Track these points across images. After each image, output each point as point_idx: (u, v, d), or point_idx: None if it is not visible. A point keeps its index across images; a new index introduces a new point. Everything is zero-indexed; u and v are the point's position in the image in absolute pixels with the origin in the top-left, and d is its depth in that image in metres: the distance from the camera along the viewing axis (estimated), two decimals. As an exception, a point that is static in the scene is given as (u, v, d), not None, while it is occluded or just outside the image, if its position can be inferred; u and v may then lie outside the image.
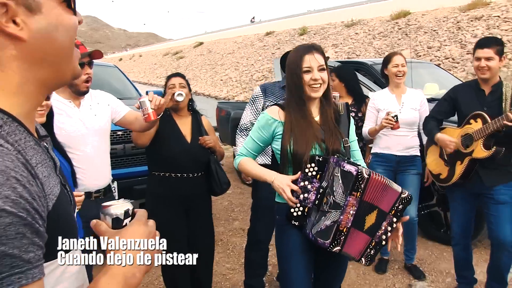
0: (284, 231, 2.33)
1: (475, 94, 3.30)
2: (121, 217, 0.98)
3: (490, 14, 17.25)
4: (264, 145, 2.42)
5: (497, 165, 3.19)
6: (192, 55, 42.22)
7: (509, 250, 3.22)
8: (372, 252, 2.18)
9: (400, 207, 2.14)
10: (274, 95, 3.46)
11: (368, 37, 22.50)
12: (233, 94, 24.01)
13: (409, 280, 3.94)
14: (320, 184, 2.17)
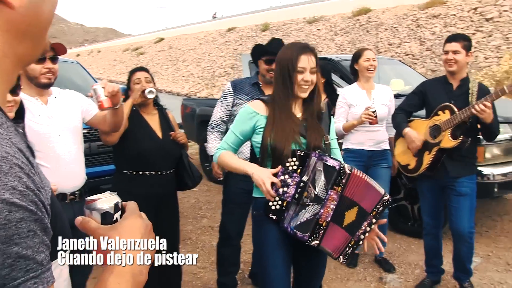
0: (262, 226, 2.32)
1: (443, 88, 3.43)
2: (111, 211, 0.90)
3: (447, 12, 17.72)
4: (245, 138, 2.40)
5: (462, 157, 3.31)
6: (153, 51, 41.61)
7: (468, 241, 3.37)
8: (350, 251, 2.21)
9: (380, 209, 2.17)
10: (243, 92, 3.42)
11: (330, 33, 22.73)
12: (195, 91, 23.81)
13: (380, 273, 3.99)
14: (300, 179, 2.17)
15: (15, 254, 0.57)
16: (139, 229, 0.89)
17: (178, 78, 28.52)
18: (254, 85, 3.44)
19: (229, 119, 3.48)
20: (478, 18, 16.13)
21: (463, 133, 3.22)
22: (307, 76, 2.23)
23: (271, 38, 3.54)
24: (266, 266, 2.33)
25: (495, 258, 4.21)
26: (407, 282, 3.83)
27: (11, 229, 0.57)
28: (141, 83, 3.08)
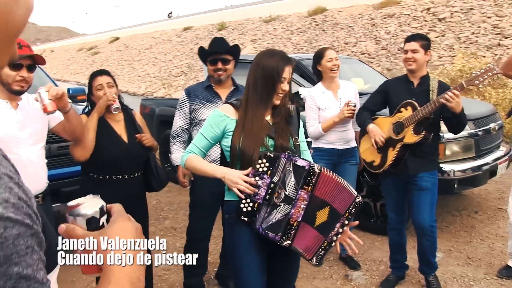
0: (235, 229, 2.31)
1: (404, 86, 3.52)
2: (97, 216, 0.84)
3: (401, 12, 18.14)
4: (214, 142, 2.40)
5: (425, 153, 3.39)
6: (108, 51, 40.74)
7: (430, 234, 3.45)
8: (322, 252, 2.22)
9: (353, 210, 2.19)
10: (198, 98, 3.39)
11: (287, 32, 22.85)
12: (151, 90, 23.44)
13: (345, 270, 4.00)
14: (271, 180, 2.18)
15: (16, 275, 0.52)
16: (130, 232, 0.84)
17: (134, 78, 28.01)
18: (207, 88, 3.41)
19: (189, 127, 3.46)
20: (431, 18, 16.58)
21: (426, 129, 3.27)
22: (285, 86, 2.29)
23: (212, 38, 3.51)
24: (240, 269, 2.32)
25: (456, 252, 4.29)
26: (372, 279, 3.84)
27: (9, 248, 0.52)
28: (103, 89, 2.94)
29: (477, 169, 4.47)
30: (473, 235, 4.66)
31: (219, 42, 3.40)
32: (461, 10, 16.14)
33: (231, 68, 3.35)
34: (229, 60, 3.31)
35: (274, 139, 2.29)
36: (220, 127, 2.33)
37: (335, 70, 3.82)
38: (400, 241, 3.75)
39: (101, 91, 2.93)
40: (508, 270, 3.78)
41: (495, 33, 13.82)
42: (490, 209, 5.39)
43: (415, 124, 3.30)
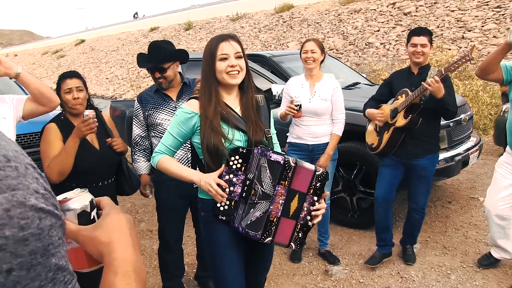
0: (213, 227, 2.26)
1: (406, 76, 3.74)
2: (88, 210, 0.83)
3: (368, 7, 18.34)
4: (183, 140, 2.32)
5: (424, 136, 3.60)
6: (74, 54, 39.95)
7: (421, 210, 3.84)
8: (300, 234, 2.20)
9: (318, 184, 2.17)
10: (149, 103, 3.29)
11: (254, 30, 22.85)
12: (120, 92, 23.12)
13: (325, 265, 4.00)
14: (245, 176, 2.13)
15: (54, 266, 0.52)
16: (125, 224, 0.83)
17: (102, 80, 27.56)
18: (156, 92, 3.31)
19: (147, 134, 3.37)
20: (397, 12, 16.82)
21: (417, 113, 3.51)
22: (232, 61, 2.19)
23: (149, 46, 3.32)
24: (219, 267, 2.27)
25: (433, 242, 4.34)
26: (352, 273, 3.85)
27: (45, 239, 0.52)
28: (72, 93, 2.82)
29: (450, 159, 4.53)
30: (448, 225, 4.73)
31: (155, 51, 3.23)
32: (425, 4, 16.43)
33: (171, 74, 3.20)
34: (165, 69, 3.17)
35: (246, 132, 2.23)
36: (188, 124, 2.25)
37: (309, 62, 3.80)
38: (386, 221, 3.90)
39: (69, 94, 2.81)
40: (487, 258, 3.82)
41: (459, 26, 14.11)
42: (463, 199, 5.48)
43: (406, 109, 3.54)
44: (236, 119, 2.25)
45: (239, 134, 2.23)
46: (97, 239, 0.80)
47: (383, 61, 13.29)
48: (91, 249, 0.81)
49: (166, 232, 3.38)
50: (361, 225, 4.72)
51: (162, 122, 3.22)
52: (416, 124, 3.51)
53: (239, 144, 2.21)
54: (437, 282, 3.64)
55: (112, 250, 0.79)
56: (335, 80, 4.01)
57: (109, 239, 0.80)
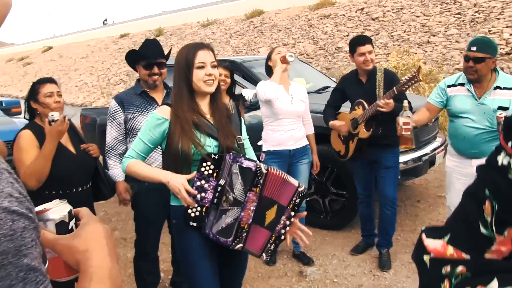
0: (184, 235, 2.25)
1: (355, 84, 3.89)
2: (66, 220, 0.86)
3: (337, 12, 18.61)
4: (154, 146, 2.32)
5: (385, 137, 3.77)
6: (41, 61, 39.18)
7: (391, 205, 3.95)
8: (272, 247, 2.21)
9: (297, 200, 2.17)
10: (133, 105, 3.22)
11: (225, 36, 22.89)
12: (90, 100, 22.80)
13: (299, 267, 4.07)
14: (217, 183, 2.13)
15: (26, 266, 0.55)
16: (102, 233, 0.85)
17: (71, 88, 27.12)
18: (141, 94, 3.25)
19: (125, 138, 3.29)
20: (365, 17, 17.13)
21: (377, 122, 3.68)
22: (209, 70, 2.23)
23: (144, 40, 3.36)
24: (193, 275, 2.27)
25: (403, 240, 4.48)
26: (326, 273, 3.94)
27: (18, 240, 0.54)
28: (53, 96, 2.81)
29: (418, 159, 4.68)
30: (417, 223, 4.88)
31: (153, 46, 3.24)
32: (392, 9, 16.78)
33: (165, 72, 3.25)
34: (164, 64, 3.21)
35: (218, 139, 2.24)
36: (159, 130, 2.25)
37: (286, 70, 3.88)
38: (368, 213, 4.25)
39: (51, 98, 2.80)
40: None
41: (424, 31, 14.45)
42: (431, 197, 5.66)
43: (366, 121, 3.72)
44: (207, 126, 2.26)
45: (210, 140, 2.24)
46: (75, 247, 0.82)
47: (352, 66, 13.48)
48: (68, 258, 0.83)
49: (144, 242, 3.36)
50: (334, 226, 4.82)
51: None
52: (377, 133, 3.73)
53: (210, 150, 2.21)
54: (408, 278, 3.76)
55: (88, 258, 0.81)
56: (301, 85, 4.14)
57: (86, 248, 0.82)
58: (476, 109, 3.37)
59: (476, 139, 3.38)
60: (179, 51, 2.32)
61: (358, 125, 3.79)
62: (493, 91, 3.34)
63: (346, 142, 4.00)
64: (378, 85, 3.74)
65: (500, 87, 3.34)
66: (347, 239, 4.58)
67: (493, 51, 3.31)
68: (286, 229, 2.19)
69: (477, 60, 3.25)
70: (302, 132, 3.99)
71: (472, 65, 3.27)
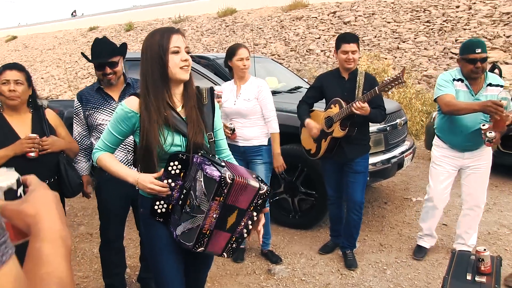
0: (151, 225, 2.22)
1: (336, 81, 3.85)
2: (14, 187, 0.85)
3: (309, 15, 18.75)
4: (123, 138, 2.25)
5: (357, 140, 3.79)
6: (4, 51, 37.98)
7: (358, 210, 3.98)
8: (234, 245, 2.17)
9: (259, 201, 2.10)
10: (90, 102, 3.20)
11: (197, 33, 22.74)
12: (56, 93, 22.27)
13: (268, 265, 4.07)
14: (183, 184, 2.09)
15: None
16: (51, 199, 0.87)
17: (37, 80, 26.41)
18: (98, 91, 3.23)
19: (88, 133, 3.29)
20: (337, 21, 17.31)
21: (351, 124, 3.68)
22: (184, 55, 2.12)
23: (93, 41, 3.24)
24: (158, 266, 2.25)
25: (370, 241, 4.54)
26: (294, 271, 3.95)
27: None
28: (8, 84, 2.71)
29: (386, 162, 4.75)
30: (384, 224, 4.96)
31: (102, 47, 3.16)
32: (364, 14, 17.02)
33: (120, 69, 3.18)
34: (116, 63, 3.14)
35: (187, 135, 2.16)
36: (129, 123, 2.17)
37: (244, 70, 3.90)
38: (338, 214, 4.26)
39: (6, 86, 2.70)
40: (421, 250, 4.17)
41: (394, 37, 14.72)
42: (397, 199, 5.75)
43: (341, 120, 3.70)
44: (178, 120, 2.17)
45: (179, 138, 2.16)
46: (24, 212, 0.82)
47: (323, 68, 13.64)
48: (18, 222, 0.83)
49: (107, 231, 3.35)
50: (303, 225, 4.85)
51: (102, 123, 3.14)
52: (352, 133, 3.73)
53: (179, 149, 2.15)
54: (374, 277, 3.81)
55: (38, 221, 0.81)
56: (260, 80, 4.04)
57: (35, 211, 0.82)
58: None
59: (473, 133, 3.65)
60: (146, 37, 2.17)
61: (333, 124, 3.78)
62: (486, 88, 3.68)
63: (318, 140, 3.96)
64: (358, 86, 3.73)
65: (492, 84, 3.69)
66: (315, 239, 4.61)
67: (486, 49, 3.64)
68: (249, 228, 2.14)
69: (483, 60, 3.55)
70: (255, 131, 3.94)
71: (480, 65, 3.54)
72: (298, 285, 3.74)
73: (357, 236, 4.14)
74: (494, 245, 4.36)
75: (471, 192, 3.92)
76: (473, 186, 3.89)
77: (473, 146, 3.76)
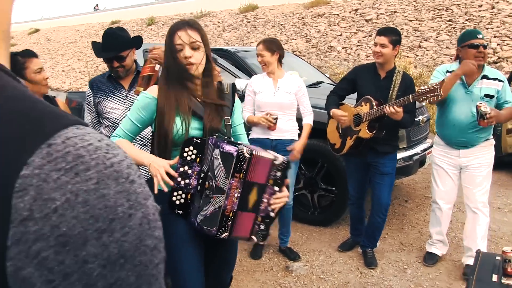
0: (168, 220, 2.12)
1: (372, 77, 3.70)
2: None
3: (331, 12, 18.58)
4: (143, 126, 2.22)
5: (385, 140, 3.68)
6: (27, 43, 38.46)
7: (383, 212, 3.87)
8: (261, 227, 2.09)
9: (278, 174, 2.05)
10: (100, 90, 3.18)
11: (218, 29, 22.74)
12: (77, 86, 22.50)
13: (285, 262, 4.02)
14: (200, 169, 2.03)
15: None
16: None
17: (58, 72, 26.75)
18: (109, 78, 3.21)
19: (99, 121, 3.26)
20: (359, 18, 17.12)
21: (380, 125, 3.56)
22: (186, 52, 2.08)
23: (103, 35, 3.19)
24: (176, 262, 2.16)
25: (390, 239, 4.45)
26: (312, 269, 3.89)
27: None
28: (42, 72, 2.72)
29: (408, 159, 4.66)
30: (405, 223, 4.86)
31: (110, 42, 3.10)
32: (386, 12, 16.80)
33: (129, 62, 3.13)
34: (124, 57, 3.09)
35: (203, 119, 2.14)
36: (149, 111, 2.16)
37: (262, 66, 3.90)
38: (359, 214, 4.17)
39: (40, 74, 2.69)
40: (432, 257, 3.99)
41: (416, 36, 14.50)
42: (418, 198, 5.65)
43: (370, 121, 3.58)
44: (195, 105, 2.16)
45: (197, 122, 2.14)
46: None
47: (344, 65, 13.51)
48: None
49: None
50: (322, 222, 4.78)
51: (111, 111, 3.11)
52: (380, 135, 3.61)
53: (197, 133, 2.12)
54: (394, 276, 3.73)
55: None
56: (298, 78, 4.03)
57: None
58: (466, 97, 3.59)
59: (466, 127, 3.57)
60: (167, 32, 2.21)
61: (361, 123, 3.65)
62: (480, 80, 3.56)
63: (344, 136, 3.85)
64: (393, 87, 3.59)
65: (487, 77, 3.58)
66: (334, 236, 4.54)
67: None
68: (271, 204, 2.07)
69: (485, 46, 3.50)
70: (289, 125, 3.90)
71: (482, 50, 3.48)
72: (317, 283, 3.67)
73: (379, 237, 4.06)
74: (519, 247, 4.24)
75: (470, 195, 3.75)
76: (472, 189, 3.72)
77: (468, 143, 3.62)
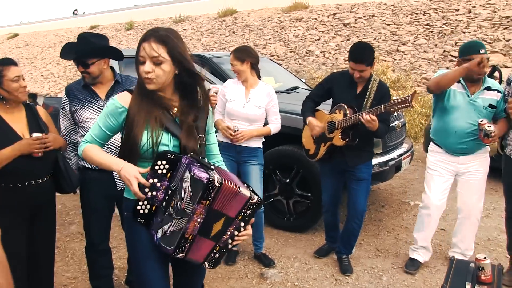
0: (135, 228, 2.09)
1: (348, 85, 3.67)
2: None
3: (309, 16, 18.69)
4: (112, 133, 2.14)
5: (359, 147, 3.63)
6: (6, 48, 37.95)
7: (359, 218, 3.83)
8: (217, 256, 2.05)
9: (248, 212, 2.00)
10: (77, 98, 3.06)
11: (197, 33, 22.71)
12: (55, 91, 22.25)
13: (260, 268, 3.97)
14: (169, 184, 1.97)
15: None
16: None
17: (37, 77, 26.39)
18: (84, 87, 3.09)
19: (75, 127, 3.15)
20: (337, 23, 17.24)
21: (353, 133, 3.54)
22: (146, 66, 1.97)
23: (77, 36, 3.10)
24: (141, 269, 2.12)
25: (366, 245, 4.43)
26: (287, 276, 3.85)
27: None
28: (20, 81, 2.63)
29: (384, 164, 4.65)
30: (381, 228, 4.85)
31: (81, 45, 3.02)
32: (364, 16, 16.95)
33: (95, 71, 2.99)
34: (88, 64, 2.96)
35: (178, 138, 2.06)
36: (118, 119, 2.08)
37: (236, 74, 3.87)
38: (333, 221, 4.14)
39: (17, 82, 2.61)
40: (414, 263, 3.96)
41: (394, 40, 14.66)
42: (395, 203, 5.65)
43: (343, 129, 3.56)
44: (170, 122, 2.07)
45: (168, 137, 2.06)
46: None
47: (322, 69, 13.56)
48: None
49: (91, 232, 3.22)
50: (297, 228, 4.74)
51: (87, 121, 3.02)
52: (353, 143, 3.57)
53: (166, 148, 2.04)
54: (370, 283, 3.71)
55: None
56: (271, 88, 3.94)
57: None
58: (468, 106, 3.60)
59: (467, 135, 3.60)
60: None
61: (334, 130, 3.61)
62: (484, 91, 3.61)
63: (317, 143, 3.82)
64: (368, 95, 3.56)
65: (490, 88, 3.62)
66: (310, 242, 4.51)
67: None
68: (234, 238, 2.04)
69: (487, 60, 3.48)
70: (255, 132, 3.83)
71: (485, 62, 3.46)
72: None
73: (355, 243, 4.03)
74: (494, 252, 4.27)
75: (466, 200, 3.78)
76: (469, 194, 3.76)
77: (468, 150, 3.65)
